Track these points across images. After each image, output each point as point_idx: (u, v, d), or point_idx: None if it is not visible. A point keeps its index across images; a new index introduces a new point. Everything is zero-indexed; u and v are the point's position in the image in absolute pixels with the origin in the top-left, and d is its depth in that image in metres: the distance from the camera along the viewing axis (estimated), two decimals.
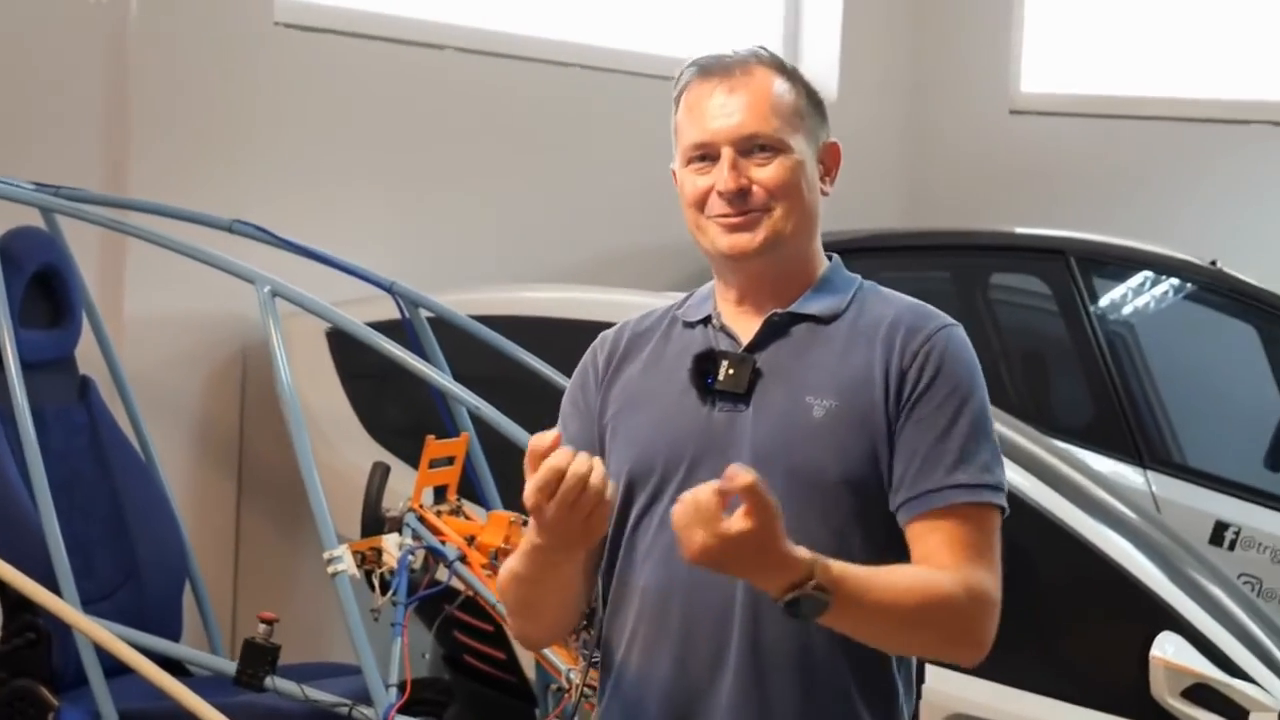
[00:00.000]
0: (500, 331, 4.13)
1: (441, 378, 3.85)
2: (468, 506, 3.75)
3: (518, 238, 5.80)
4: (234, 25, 4.98)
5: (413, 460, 3.73)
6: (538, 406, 3.64)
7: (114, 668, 3.51)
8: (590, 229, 6.09)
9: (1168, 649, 4.02)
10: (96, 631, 3.36)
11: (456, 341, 4.18)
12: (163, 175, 4.66)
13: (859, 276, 2.23)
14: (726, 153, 2.12)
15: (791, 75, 2.19)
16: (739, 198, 2.12)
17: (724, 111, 2.14)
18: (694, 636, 2.11)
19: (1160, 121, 7.48)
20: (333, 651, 4.58)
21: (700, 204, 2.15)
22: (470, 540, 3.48)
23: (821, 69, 5.94)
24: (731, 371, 2.13)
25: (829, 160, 2.21)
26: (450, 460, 3.68)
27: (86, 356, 4.21)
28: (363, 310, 4.06)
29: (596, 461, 1.92)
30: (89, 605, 3.54)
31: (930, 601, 2.03)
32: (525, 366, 4.01)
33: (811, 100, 2.20)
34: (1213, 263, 5.70)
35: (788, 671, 2.10)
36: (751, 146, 2.12)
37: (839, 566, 1.92)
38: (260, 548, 5.14)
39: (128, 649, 3.33)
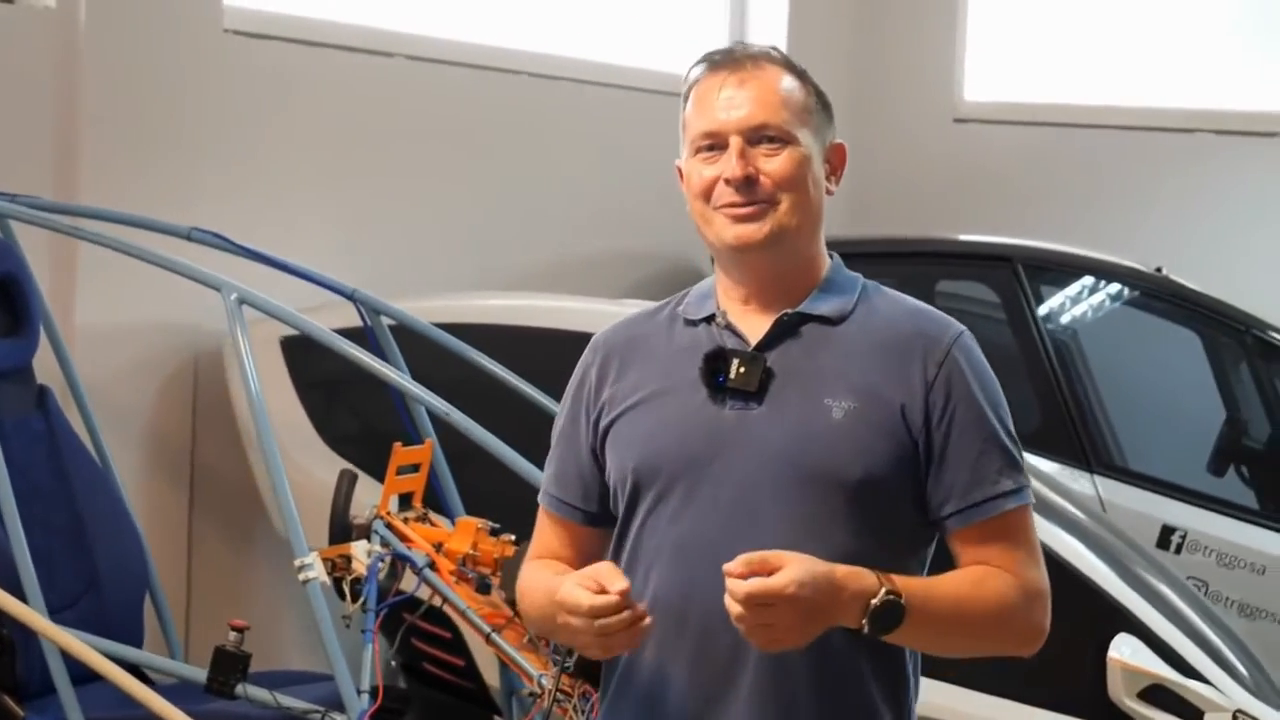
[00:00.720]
0: (460, 338, 4.19)
1: (414, 385, 3.88)
2: (432, 515, 3.80)
3: (470, 244, 5.88)
4: (184, 32, 5.00)
5: (369, 468, 3.86)
6: (497, 411, 3.84)
7: (79, 677, 3.52)
8: (542, 235, 6.18)
9: (1124, 650, 4.07)
10: (65, 639, 3.37)
11: (413, 349, 4.26)
12: (115, 183, 4.69)
13: (860, 275, 2.26)
14: (735, 141, 2.13)
15: (801, 74, 2.22)
16: (746, 186, 2.13)
17: (733, 103, 2.16)
18: (713, 634, 2.12)
19: (1105, 130, 7.65)
20: (288, 659, 4.65)
21: (707, 194, 2.16)
22: (438, 547, 3.51)
23: None
24: (743, 370, 2.15)
25: (835, 160, 2.23)
26: (415, 467, 3.71)
27: (39, 364, 4.27)
28: (321, 318, 4.10)
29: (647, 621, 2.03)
30: (52, 615, 3.56)
31: (993, 606, 2.11)
32: (485, 372, 4.06)
33: (820, 100, 2.23)
34: (1158, 269, 5.81)
35: (806, 663, 2.11)
36: (760, 137, 2.14)
37: (901, 578, 2.02)
38: (212, 556, 5.17)
39: (98, 656, 3.32)
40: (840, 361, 2.16)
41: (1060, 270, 6.01)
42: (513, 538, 3.52)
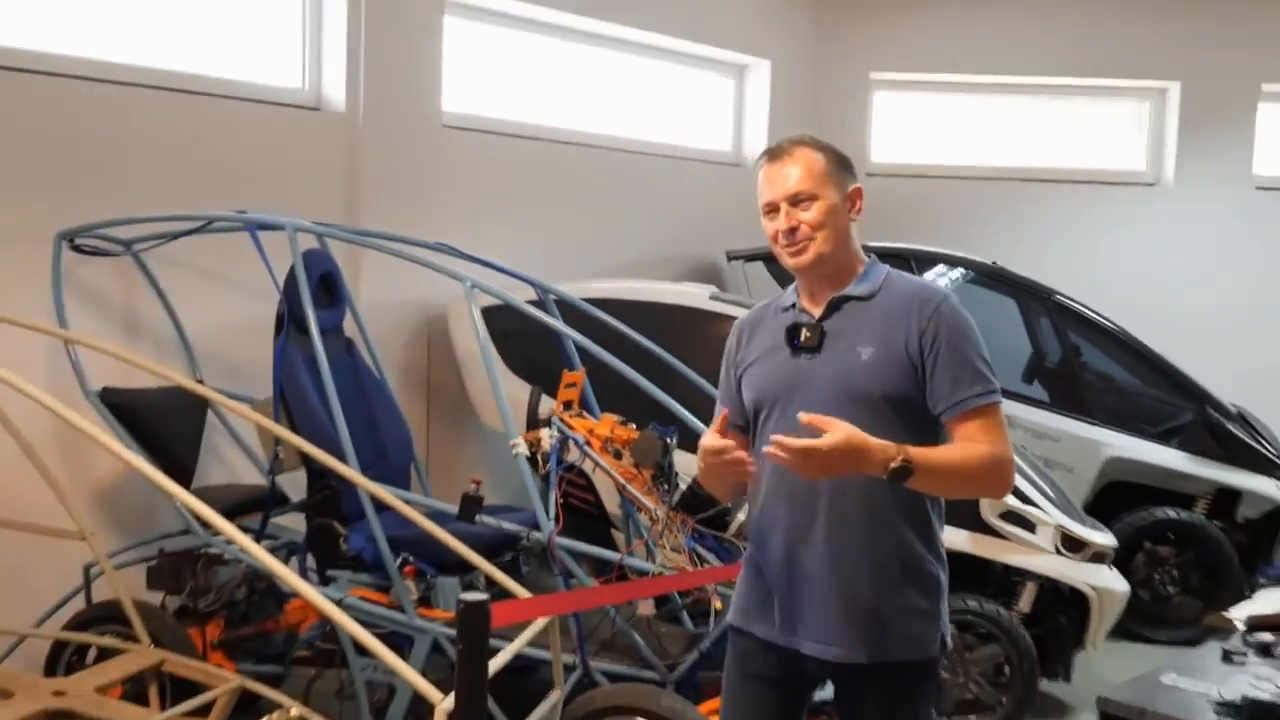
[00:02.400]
0: (595, 307, 4.24)
1: (571, 331, 3.94)
2: (585, 413, 3.89)
3: (589, 252, 6.11)
4: (419, 126, 5.30)
5: (539, 385, 3.88)
6: (617, 349, 3.91)
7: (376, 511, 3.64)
8: (627, 245, 6.38)
9: None
10: (369, 485, 3.49)
11: (565, 313, 4.30)
12: (385, 216, 4.97)
13: (886, 266, 2.32)
14: (783, 206, 2.23)
15: (823, 149, 2.27)
16: (791, 234, 2.23)
17: (780, 180, 2.24)
18: (799, 491, 2.20)
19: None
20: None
21: (774, 239, 2.28)
22: (590, 432, 3.64)
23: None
24: (808, 334, 2.23)
25: (854, 198, 2.28)
26: (574, 385, 3.81)
27: (346, 326, 4.43)
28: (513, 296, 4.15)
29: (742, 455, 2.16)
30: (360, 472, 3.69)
31: (979, 464, 2.13)
32: (609, 326, 4.10)
33: (838, 163, 2.27)
34: (993, 262, 6.01)
35: (861, 514, 2.19)
36: (797, 199, 2.22)
37: (914, 448, 2.06)
38: (440, 438, 5.46)
39: (388, 494, 3.45)
40: (868, 323, 2.22)
41: (933, 261, 6.04)
42: (634, 426, 3.66)
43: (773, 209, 2.25)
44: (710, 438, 2.19)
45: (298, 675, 3.90)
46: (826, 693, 2.64)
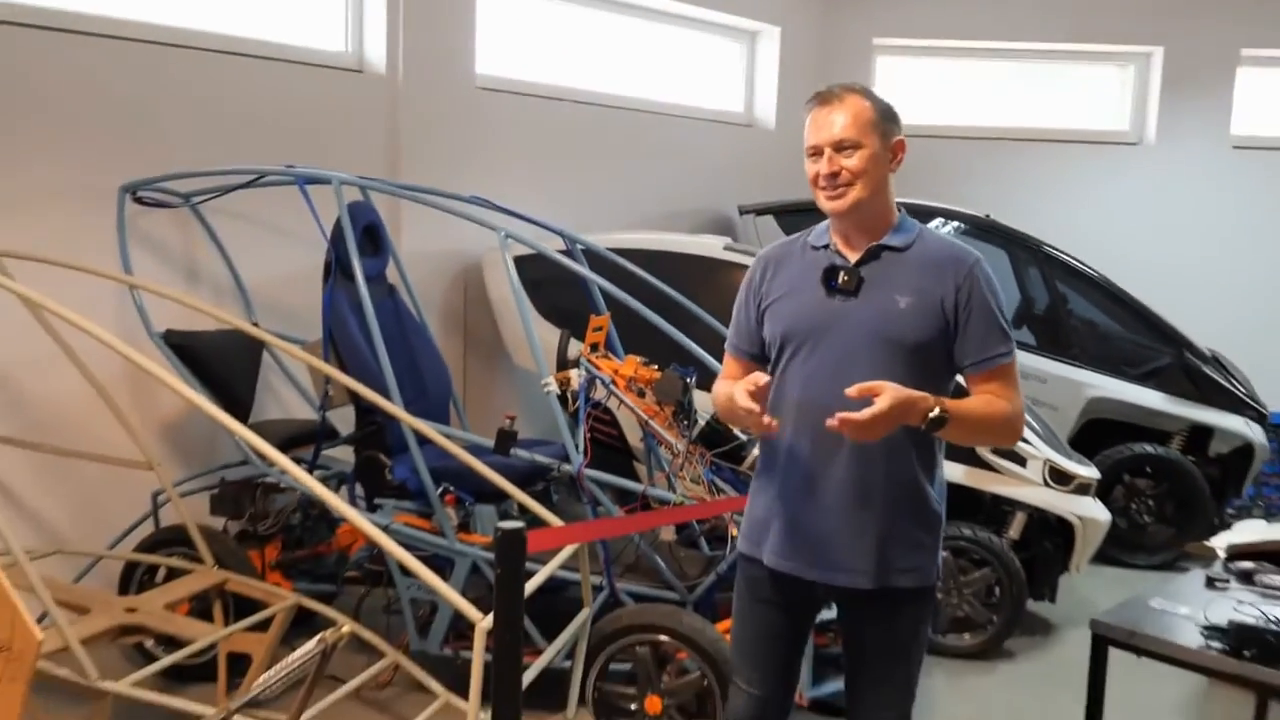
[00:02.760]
0: (618, 255, 4.18)
1: (597, 278, 3.87)
2: (610, 354, 3.83)
3: (612, 206, 6.01)
4: (454, 87, 5.19)
5: (567, 329, 3.80)
6: (639, 293, 3.86)
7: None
8: (646, 200, 6.27)
9: None
10: (411, 420, 3.48)
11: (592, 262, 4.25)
12: (422, 171, 4.91)
13: (918, 223, 2.23)
14: (827, 151, 2.12)
15: (872, 98, 2.16)
16: (832, 178, 2.12)
17: (826, 125, 2.13)
18: (821, 430, 2.09)
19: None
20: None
21: (815, 181, 2.16)
22: (616, 372, 3.57)
23: None
24: (846, 278, 2.15)
25: (896, 150, 2.17)
26: (600, 328, 3.76)
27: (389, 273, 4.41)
28: (544, 245, 4.06)
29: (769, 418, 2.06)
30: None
31: (999, 418, 2.11)
32: (634, 275, 4.04)
33: (885, 113, 2.16)
34: (986, 215, 5.92)
35: (880, 454, 2.14)
36: (842, 146, 2.11)
37: (949, 401, 2.04)
38: (475, 377, 5.43)
39: (428, 428, 3.45)
40: (904, 274, 2.15)
41: (930, 214, 5.82)
42: (656, 367, 3.59)
43: (816, 152, 2.14)
44: (743, 397, 2.04)
45: (348, 593, 3.92)
46: (830, 613, 2.63)
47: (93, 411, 3.73)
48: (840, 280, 2.14)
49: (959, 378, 2.23)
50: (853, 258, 2.16)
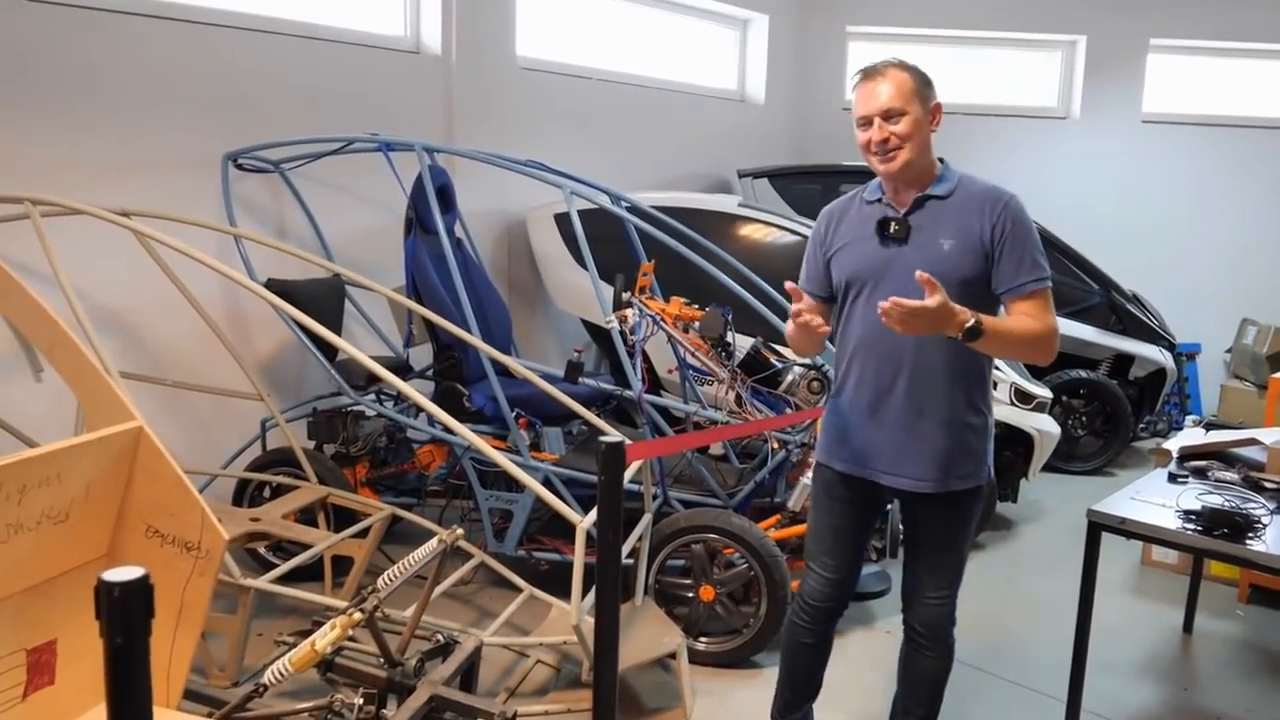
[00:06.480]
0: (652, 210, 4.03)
1: (648, 226, 3.68)
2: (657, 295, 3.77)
3: (637, 171, 5.83)
4: (499, 67, 5.02)
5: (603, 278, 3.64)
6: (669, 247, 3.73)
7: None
8: (662, 164, 6.10)
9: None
10: (492, 351, 3.43)
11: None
12: (477, 137, 4.78)
13: (958, 171, 2.16)
14: (876, 120, 2.07)
15: (910, 69, 2.09)
16: (882, 145, 2.07)
17: (874, 97, 2.07)
18: (886, 356, 2.13)
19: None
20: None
21: (866, 147, 2.11)
22: (663, 311, 3.46)
23: None
24: (896, 227, 2.11)
25: (935, 113, 2.11)
26: (647, 274, 3.62)
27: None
28: (587, 202, 3.85)
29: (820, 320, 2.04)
30: None
31: (1032, 334, 2.04)
32: (670, 226, 3.85)
33: (923, 82, 2.09)
34: None
35: (939, 371, 2.12)
36: (889, 115, 2.05)
37: (985, 316, 1.98)
38: (522, 317, 5.26)
39: (504, 358, 3.41)
40: (948, 218, 2.09)
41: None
42: (698, 305, 3.46)
43: (866, 122, 2.07)
44: (796, 307, 2.08)
45: (430, 505, 3.84)
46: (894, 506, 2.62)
47: (200, 351, 3.65)
48: (892, 230, 2.09)
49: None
50: (902, 209, 2.11)
